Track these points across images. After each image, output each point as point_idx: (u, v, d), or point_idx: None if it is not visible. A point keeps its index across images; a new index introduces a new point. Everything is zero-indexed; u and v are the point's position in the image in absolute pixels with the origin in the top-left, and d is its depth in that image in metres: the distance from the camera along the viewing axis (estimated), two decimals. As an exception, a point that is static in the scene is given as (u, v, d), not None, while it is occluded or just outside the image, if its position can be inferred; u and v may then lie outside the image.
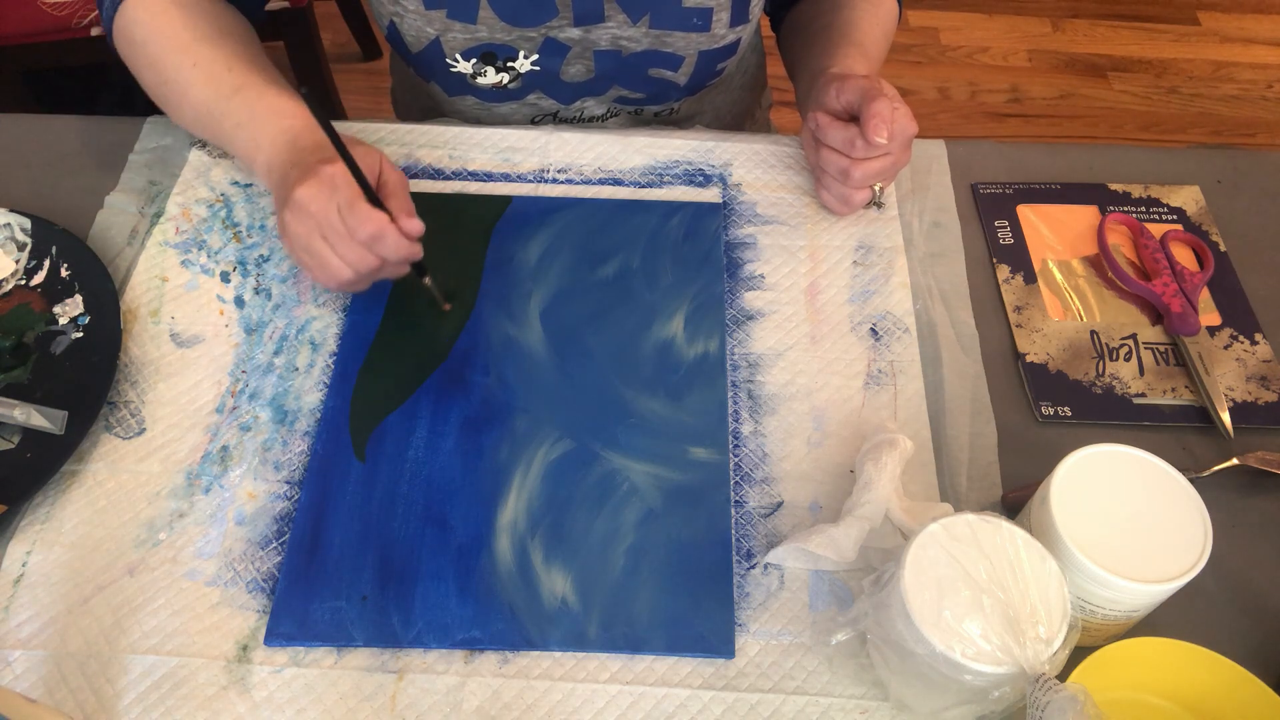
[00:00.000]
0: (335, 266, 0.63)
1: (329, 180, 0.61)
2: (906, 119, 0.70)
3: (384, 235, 0.62)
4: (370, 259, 0.63)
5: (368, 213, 0.61)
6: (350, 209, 0.61)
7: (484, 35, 0.77)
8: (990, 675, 0.47)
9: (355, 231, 0.61)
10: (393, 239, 0.62)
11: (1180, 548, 0.51)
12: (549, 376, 0.66)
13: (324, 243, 0.62)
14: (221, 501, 0.61)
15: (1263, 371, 0.68)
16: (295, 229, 0.63)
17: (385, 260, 0.63)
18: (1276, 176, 0.81)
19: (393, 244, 0.62)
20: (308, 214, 0.62)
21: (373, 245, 0.62)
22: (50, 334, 0.67)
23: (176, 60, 0.71)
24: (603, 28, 0.77)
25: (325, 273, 0.63)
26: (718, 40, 0.79)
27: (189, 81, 0.70)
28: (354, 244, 0.62)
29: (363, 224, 0.61)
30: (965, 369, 0.68)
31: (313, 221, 0.62)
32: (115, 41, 0.75)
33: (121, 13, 0.73)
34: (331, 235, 0.62)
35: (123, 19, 0.73)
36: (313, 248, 0.63)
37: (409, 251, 0.64)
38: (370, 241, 0.62)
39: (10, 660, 0.55)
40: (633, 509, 0.61)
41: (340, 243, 0.62)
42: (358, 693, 0.54)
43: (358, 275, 0.63)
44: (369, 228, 0.61)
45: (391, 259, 0.63)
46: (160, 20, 0.72)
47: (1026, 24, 2.24)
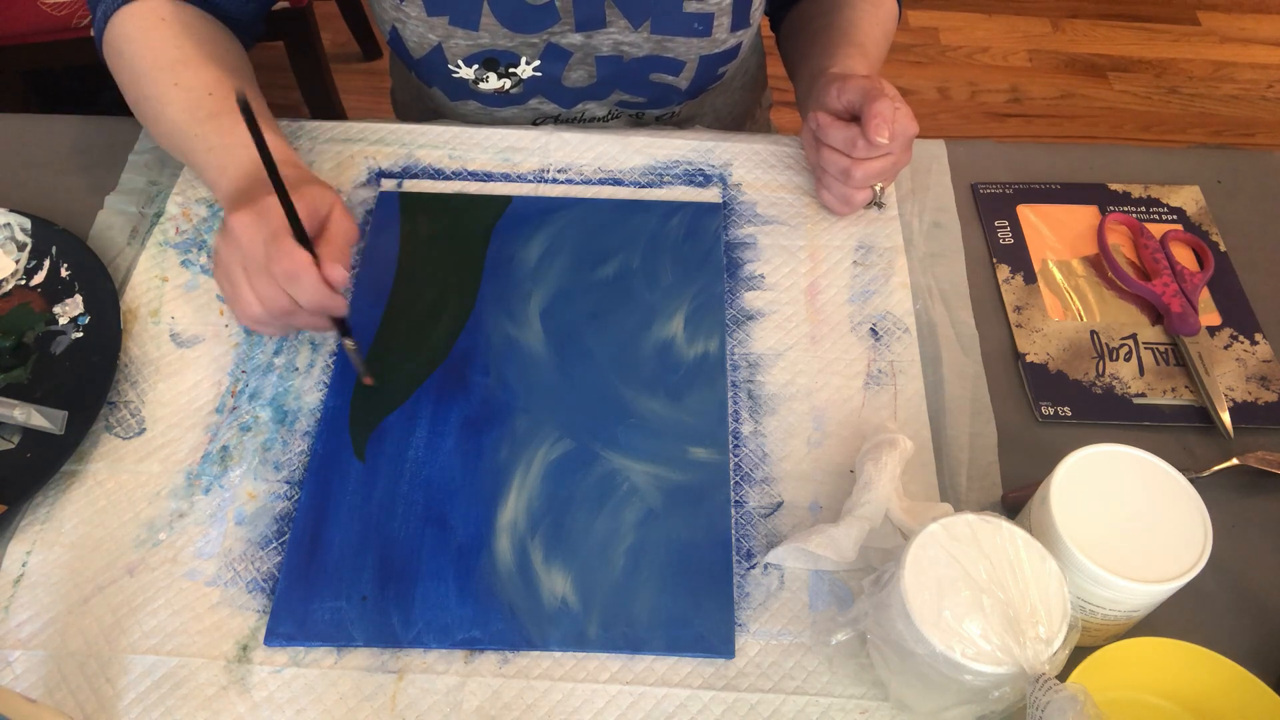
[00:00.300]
0: (246, 300, 0.60)
1: (263, 211, 0.59)
2: (907, 119, 0.70)
3: (299, 276, 0.58)
4: (282, 298, 0.59)
5: (289, 248, 0.58)
6: (274, 241, 0.58)
7: (486, 41, 0.77)
8: (990, 675, 0.47)
9: (270, 265, 0.58)
10: (309, 282, 0.58)
11: (1180, 548, 0.51)
12: (549, 376, 0.66)
13: (241, 272, 0.60)
14: (221, 501, 0.61)
15: (1263, 371, 0.68)
16: (221, 254, 0.61)
17: (298, 304, 0.59)
18: (1276, 176, 0.81)
19: (308, 286, 0.58)
20: (235, 241, 0.59)
21: (287, 284, 0.58)
22: (50, 334, 0.67)
23: (159, 77, 0.70)
24: (604, 33, 0.77)
25: (237, 305, 0.61)
26: (719, 45, 0.79)
27: (168, 100, 0.69)
28: (269, 279, 0.59)
29: (280, 259, 0.58)
30: (965, 369, 0.68)
31: (238, 250, 0.59)
32: (104, 51, 0.74)
33: (112, 25, 0.72)
34: (250, 266, 0.59)
35: (113, 31, 0.72)
36: (232, 277, 0.60)
37: (325, 300, 0.59)
38: (284, 279, 0.58)
39: (10, 660, 0.55)
40: (633, 509, 0.61)
41: (256, 275, 0.59)
42: (358, 693, 0.54)
43: (268, 314, 0.60)
44: (285, 264, 0.58)
45: (305, 303, 0.59)
46: (150, 36, 0.71)
47: (1026, 24, 2.24)
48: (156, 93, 0.70)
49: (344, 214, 0.63)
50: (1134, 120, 2.06)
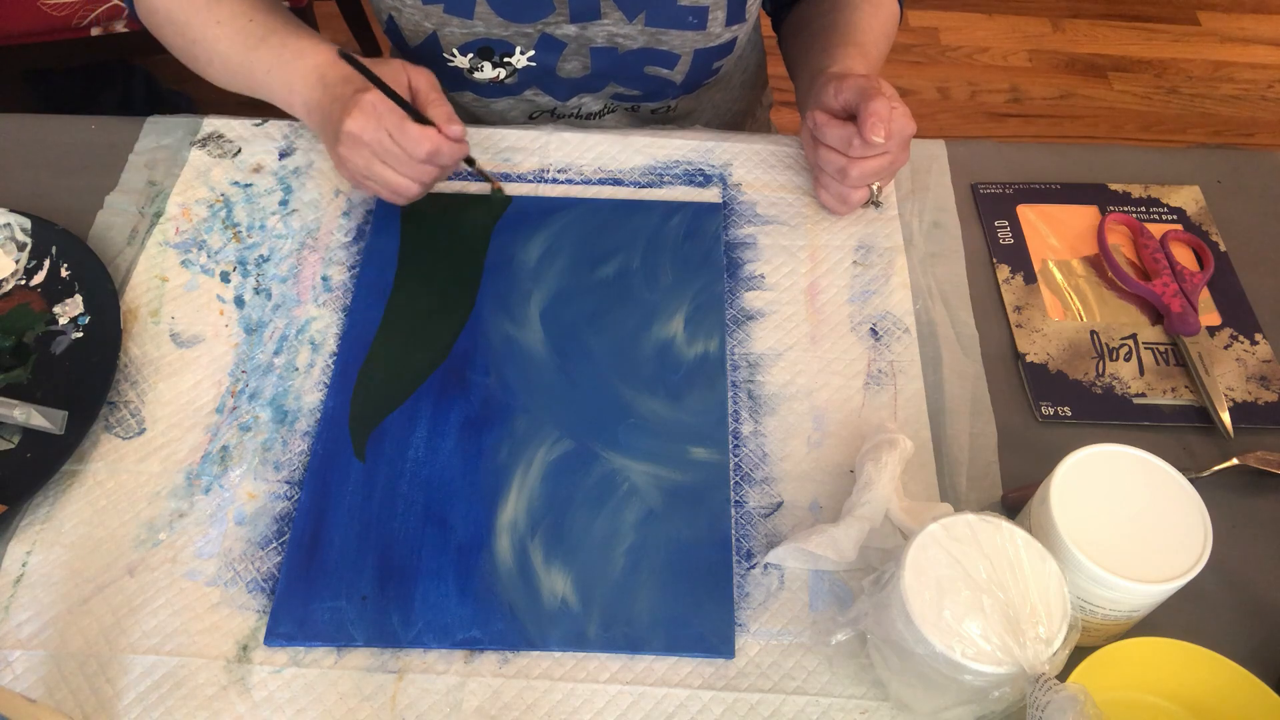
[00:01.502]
0: (402, 185, 0.68)
1: (372, 109, 0.66)
2: (904, 118, 0.70)
3: (439, 150, 0.67)
4: (431, 171, 0.68)
5: (419, 134, 0.66)
6: (401, 132, 0.66)
7: (481, 30, 0.77)
8: (990, 675, 0.47)
9: (413, 152, 0.66)
10: (447, 150, 0.67)
11: (1180, 548, 0.51)
12: (549, 376, 0.66)
13: (384, 166, 0.67)
14: (221, 501, 0.61)
15: (1263, 371, 0.68)
16: (352, 160, 0.68)
17: (445, 168, 0.69)
18: (1276, 176, 0.81)
19: (448, 153, 0.67)
20: (361, 144, 0.66)
21: (432, 158, 0.67)
22: (50, 334, 0.67)
23: (200, 20, 0.74)
24: (599, 25, 0.77)
25: (392, 192, 0.69)
26: (713, 39, 0.79)
27: (215, 38, 0.74)
28: (413, 162, 0.67)
29: (418, 144, 0.66)
30: (965, 369, 0.68)
31: (368, 150, 0.67)
32: (140, 12, 0.77)
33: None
34: (390, 159, 0.67)
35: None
36: (374, 173, 0.68)
37: (462, 154, 0.69)
38: (429, 158, 0.67)
39: (10, 660, 0.55)
40: (633, 509, 0.61)
41: (400, 164, 0.67)
42: (358, 693, 0.54)
43: (424, 186, 0.70)
44: (425, 146, 0.66)
45: (449, 164, 0.69)
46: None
47: (1026, 24, 2.24)
48: (203, 35, 0.74)
49: (418, 71, 0.70)
50: (1134, 120, 2.06)
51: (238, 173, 0.78)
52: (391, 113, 0.66)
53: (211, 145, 0.79)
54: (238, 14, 0.73)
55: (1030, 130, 2.02)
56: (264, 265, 0.72)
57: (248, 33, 0.73)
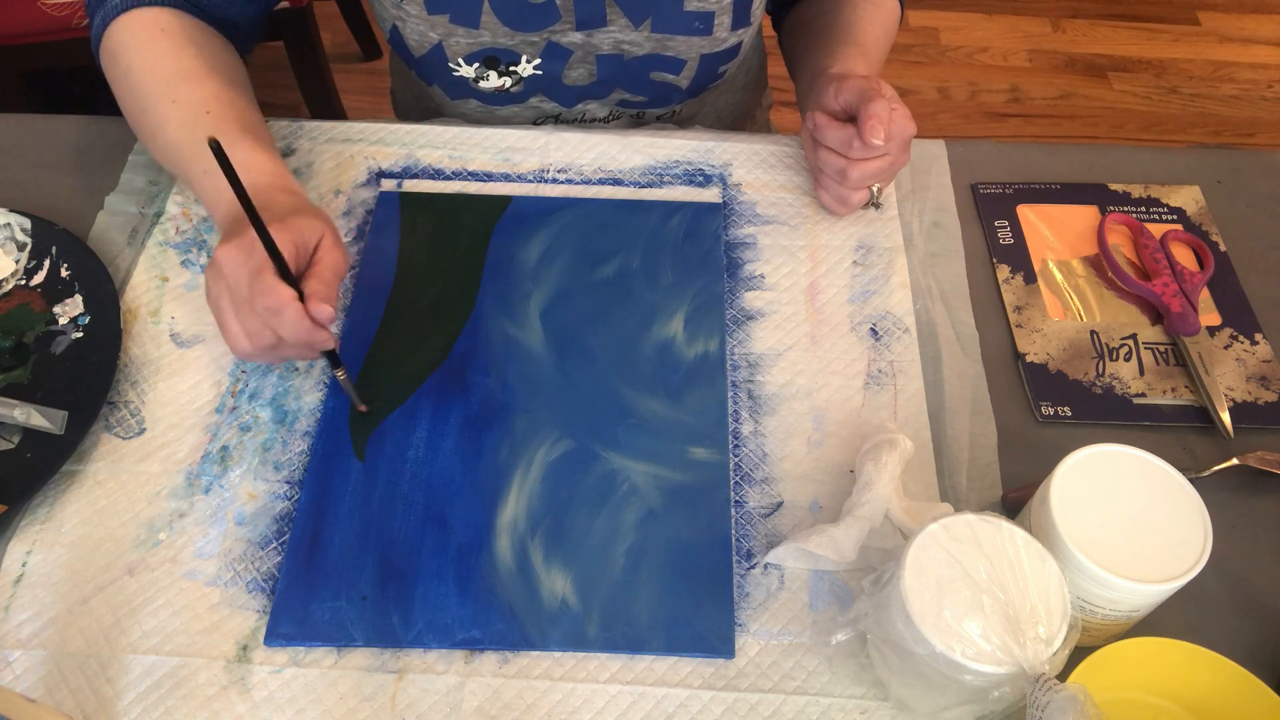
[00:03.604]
0: (234, 334, 0.60)
1: (248, 245, 0.59)
2: (904, 120, 0.70)
3: (281, 311, 0.58)
4: (266, 333, 0.59)
5: (270, 284, 0.58)
6: (256, 278, 0.58)
7: (486, 40, 0.77)
8: (990, 675, 0.47)
9: (255, 300, 0.58)
10: (291, 317, 0.58)
11: (1180, 548, 0.51)
12: (549, 376, 0.66)
13: (228, 306, 0.60)
14: (221, 501, 0.61)
15: (1263, 371, 0.68)
16: (209, 287, 0.61)
17: (283, 339, 0.59)
18: (1276, 176, 0.81)
19: (291, 323, 0.58)
20: (220, 275, 0.59)
21: (270, 320, 0.58)
22: (50, 334, 0.67)
23: (157, 93, 0.69)
24: (605, 32, 0.77)
25: (226, 339, 0.61)
26: (719, 43, 0.79)
27: (166, 116, 0.68)
28: (253, 314, 0.59)
29: (262, 295, 0.58)
30: (965, 369, 0.68)
31: (224, 284, 0.59)
32: (100, 59, 0.73)
33: (110, 33, 0.71)
34: (236, 301, 0.59)
35: (110, 39, 0.71)
36: (219, 311, 0.60)
37: (309, 335, 0.59)
38: (266, 315, 0.58)
39: (10, 660, 0.55)
40: (633, 509, 0.61)
41: (242, 310, 0.59)
42: (358, 693, 0.54)
43: (254, 348, 0.60)
44: (266, 300, 0.57)
45: (289, 339, 0.59)
46: (147, 48, 0.70)
47: (1026, 24, 2.24)
48: (154, 108, 0.69)
49: (334, 244, 0.62)
50: (1134, 120, 2.06)
51: (238, 173, 0.77)
52: (262, 256, 0.58)
53: (211, 145, 0.79)
54: (195, 100, 0.68)
55: (1030, 130, 2.02)
56: (264, 265, 0.72)
57: (197, 124, 0.67)
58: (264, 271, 0.58)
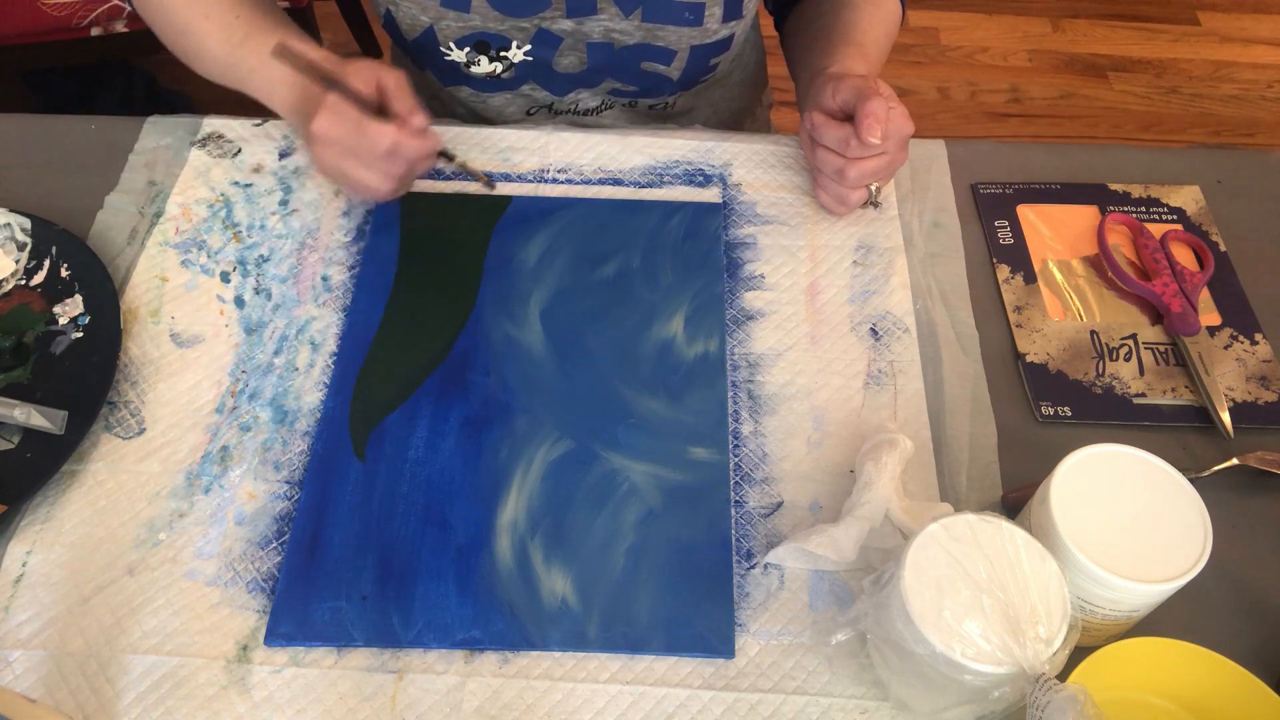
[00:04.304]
0: (371, 182, 0.68)
1: (337, 107, 0.66)
2: (902, 119, 0.70)
3: (400, 144, 0.66)
4: (398, 165, 0.68)
5: (378, 130, 0.65)
6: (361, 130, 0.66)
7: (477, 24, 0.77)
8: (990, 675, 0.47)
9: (374, 148, 0.66)
10: (410, 143, 0.67)
11: (1180, 548, 0.51)
12: (549, 376, 0.66)
13: (353, 164, 0.67)
14: (221, 501, 0.61)
15: (1263, 371, 0.68)
16: (323, 159, 0.68)
17: (412, 162, 0.68)
18: (1276, 176, 0.81)
19: (411, 148, 0.67)
20: (329, 142, 0.67)
21: (396, 151, 0.67)
22: (50, 334, 0.67)
23: (189, 12, 0.74)
24: (595, 20, 0.77)
25: (366, 190, 0.69)
26: (710, 35, 0.79)
27: (203, 33, 0.74)
28: (379, 159, 0.67)
29: (377, 140, 0.66)
30: (965, 369, 0.68)
31: (336, 148, 0.67)
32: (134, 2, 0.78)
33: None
34: (358, 155, 0.67)
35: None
36: (344, 171, 0.68)
37: (428, 147, 0.69)
38: (390, 154, 0.66)
39: (10, 660, 0.55)
40: (633, 509, 0.61)
41: (368, 160, 0.67)
42: (358, 693, 0.54)
43: (395, 182, 0.69)
44: (384, 141, 0.66)
45: (416, 159, 0.68)
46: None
47: (1026, 24, 2.24)
48: (190, 28, 0.75)
49: (389, 70, 0.69)
50: (1134, 120, 2.06)
51: (238, 173, 0.78)
52: (356, 111, 0.66)
53: (211, 145, 0.79)
54: (225, 9, 0.74)
55: (1030, 130, 2.02)
56: (264, 265, 0.72)
57: (232, 29, 0.73)
58: (364, 122, 0.66)
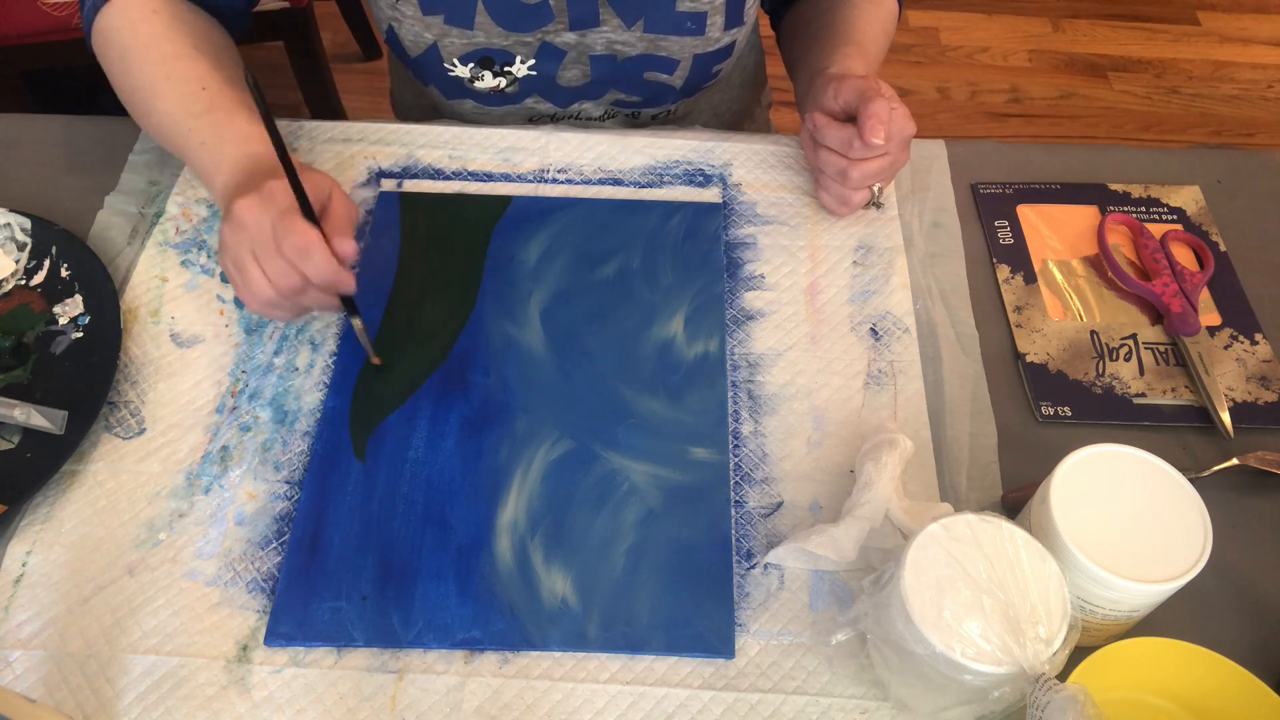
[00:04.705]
0: (257, 282, 0.60)
1: (268, 193, 0.60)
2: (904, 119, 0.70)
3: (310, 249, 0.58)
4: (293, 276, 0.59)
5: (298, 227, 0.58)
6: (283, 221, 0.59)
7: (481, 40, 0.77)
8: (990, 675, 0.47)
9: (281, 242, 0.59)
10: (319, 255, 0.59)
11: (1180, 548, 0.51)
12: (549, 376, 0.66)
13: (250, 258, 0.60)
14: (221, 501, 0.61)
15: (1263, 371, 0.68)
16: (228, 241, 0.61)
17: (309, 281, 0.60)
18: (1276, 176, 0.81)
19: (319, 261, 0.59)
20: (241, 226, 0.60)
21: (298, 259, 0.59)
22: (50, 334, 0.67)
23: (151, 71, 0.70)
24: (598, 32, 0.77)
25: (248, 289, 0.61)
26: (712, 43, 0.79)
27: (161, 94, 0.69)
28: (279, 258, 0.59)
29: (289, 234, 0.58)
30: (965, 369, 0.68)
31: (245, 234, 0.60)
32: (93, 42, 0.74)
33: (102, 15, 0.72)
34: (260, 248, 0.60)
35: (103, 21, 0.72)
36: (240, 261, 0.60)
37: (335, 274, 0.60)
38: (295, 255, 0.59)
39: (10, 660, 0.55)
40: (633, 509, 0.61)
41: (266, 256, 0.59)
42: (358, 693, 0.54)
43: (279, 294, 0.60)
44: (295, 239, 0.58)
45: (316, 279, 0.60)
46: (140, 29, 0.71)
47: (1026, 24, 2.24)
48: (148, 85, 0.70)
49: (344, 195, 0.64)
50: (1134, 120, 2.06)
51: (238, 173, 0.77)
52: (285, 200, 0.59)
53: (211, 145, 0.79)
54: (190, 77, 0.69)
55: (1030, 130, 2.02)
56: (264, 265, 0.72)
57: (195, 99, 0.68)
58: (289, 214, 0.59)
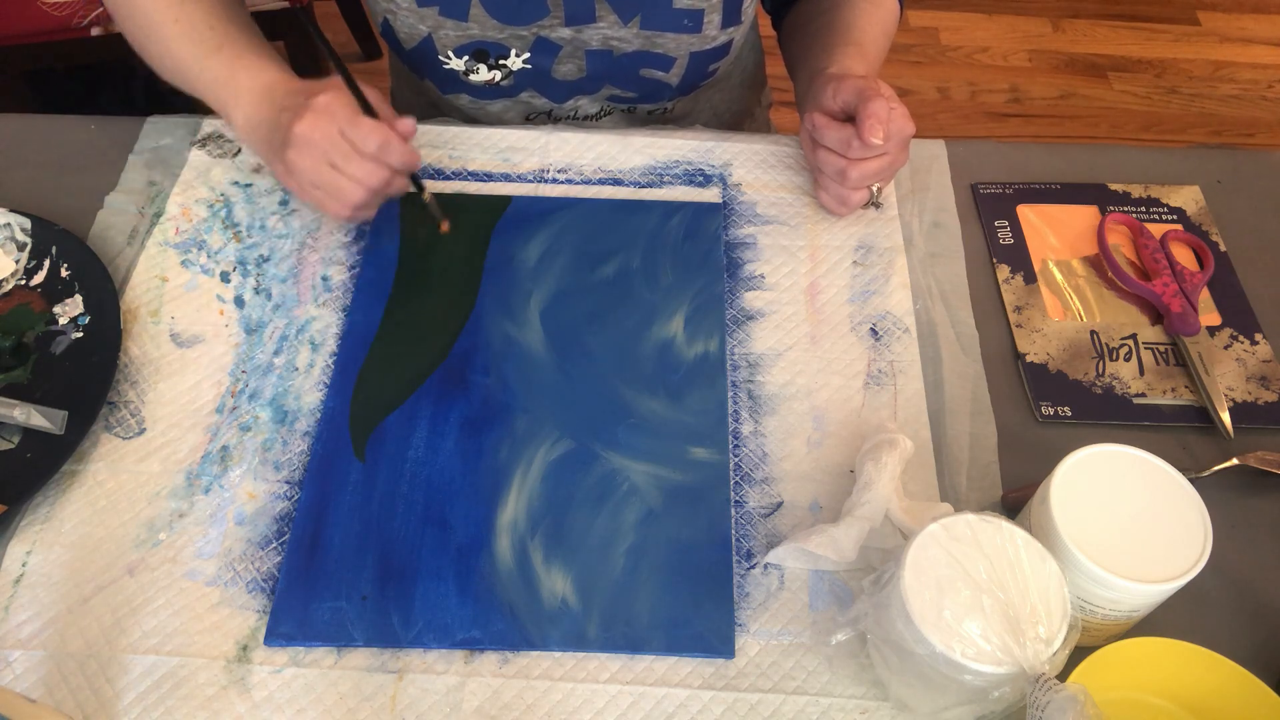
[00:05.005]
0: (348, 189, 0.66)
1: (325, 109, 0.65)
2: (903, 119, 0.70)
3: (390, 141, 0.65)
4: (380, 171, 0.66)
5: (370, 125, 0.64)
6: (352, 126, 0.64)
7: (475, 33, 0.77)
8: (990, 675, 0.47)
9: (362, 145, 0.64)
10: (398, 144, 0.65)
11: (1180, 548, 0.51)
12: (549, 376, 0.66)
13: (332, 169, 0.65)
14: (221, 501, 0.61)
15: (1263, 371, 0.68)
16: (301, 163, 0.66)
17: (393, 170, 0.66)
18: (1276, 176, 0.81)
19: (399, 149, 0.66)
20: (312, 144, 0.65)
21: (381, 154, 0.65)
22: (50, 334, 0.67)
23: (161, 16, 0.72)
24: (594, 28, 0.77)
25: (339, 198, 0.67)
26: (709, 41, 0.79)
27: (171, 36, 0.72)
28: (363, 160, 0.65)
29: (368, 136, 0.64)
30: (965, 369, 0.68)
31: (318, 150, 0.65)
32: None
33: None
34: (339, 158, 0.65)
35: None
36: (322, 176, 0.66)
37: (413, 156, 0.67)
38: (379, 151, 0.65)
39: (10, 660, 0.55)
40: (633, 509, 0.61)
41: (349, 162, 0.65)
42: (358, 693, 0.54)
43: (370, 193, 0.66)
44: (375, 137, 0.64)
45: (400, 165, 0.67)
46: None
47: (1026, 24, 2.24)
48: (160, 30, 0.73)
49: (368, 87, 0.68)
50: (1134, 120, 2.06)
51: (238, 173, 0.78)
52: (345, 109, 0.65)
53: (211, 145, 0.79)
54: (199, 17, 0.72)
55: (1030, 130, 2.02)
56: (264, 265, 0.72)
57: (204, 38, 0.72)
58: (356, 118, 0.65)
